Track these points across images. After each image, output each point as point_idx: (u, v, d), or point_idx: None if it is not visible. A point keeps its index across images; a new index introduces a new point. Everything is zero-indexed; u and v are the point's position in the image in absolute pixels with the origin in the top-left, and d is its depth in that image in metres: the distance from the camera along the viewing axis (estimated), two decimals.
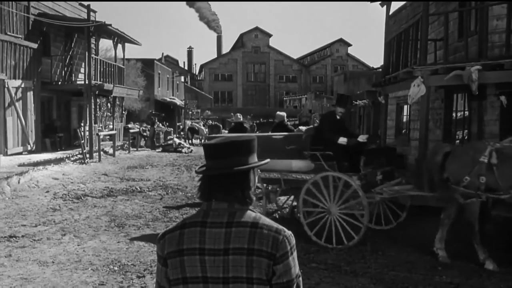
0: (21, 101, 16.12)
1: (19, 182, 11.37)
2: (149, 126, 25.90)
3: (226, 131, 35.27)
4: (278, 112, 12.14)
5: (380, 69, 18.57)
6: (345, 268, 6.09)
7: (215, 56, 65.77)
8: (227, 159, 1.74)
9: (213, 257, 1.68)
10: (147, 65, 36.46)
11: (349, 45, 60.80)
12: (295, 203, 8.85)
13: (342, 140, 7.29)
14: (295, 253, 1.73)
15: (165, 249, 1.75)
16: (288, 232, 1.73)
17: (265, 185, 8.09)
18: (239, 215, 1.71)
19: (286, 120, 11.72)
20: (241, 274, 1.67)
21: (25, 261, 6.23)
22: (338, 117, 7.67)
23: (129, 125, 25.92)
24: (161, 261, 1.77)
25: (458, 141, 11.52)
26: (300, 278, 1.75)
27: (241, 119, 12.26)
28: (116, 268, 6.01)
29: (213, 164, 1.77)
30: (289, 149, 7.58)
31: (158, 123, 26.89)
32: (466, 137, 10.90)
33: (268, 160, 1.93)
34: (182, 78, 51.82)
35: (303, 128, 17.75)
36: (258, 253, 1.66)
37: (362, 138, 7.53)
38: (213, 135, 13.14)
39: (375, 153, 8.41)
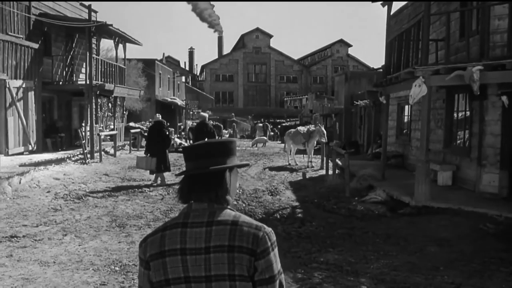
0: (22, 101, 16.12)
1: (20, 182, 11.37)
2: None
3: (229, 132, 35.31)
4: (201, 113, 14.38)
5: (381, 69, 18.56)
6: (347, 268, 6.08)
7: (216, 56, 65.80)
8: (204, 159, 1.78)
9: (194, 256, 1.69)
10: (148, 65, 36.45)
11: (350, 45, 60.84)
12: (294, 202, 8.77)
13: None
14: (276, 250, 1.74)
15: (147, 252, 1.75)
16: (268, 229, 1.74)
17: None
18: (219, 214, 1.73)
19: (207, 120, 13.51)
20: (223, 272, 1.67)
21: (26, 261, 6.23)
22: None
23: (131, 124, 25.77)
24: (143, 264, 1.77)
25: (459, 141, 11.52)
26: (283, 276, 1.75)
27: (160, 118, 13.28)
28: (117, 268, 6.00)
29: (191, 166, 1.80)
30: None
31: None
32: (467, 137, 10.90)
33: (248, 162, 1.97)
34: (183, 79, 51.84)
35: (301, 128, 17.85)
36: (239, 250, 1.67)
37: None
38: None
39: None
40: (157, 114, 14.28)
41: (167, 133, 13.15)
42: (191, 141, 29.97)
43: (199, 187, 1.77)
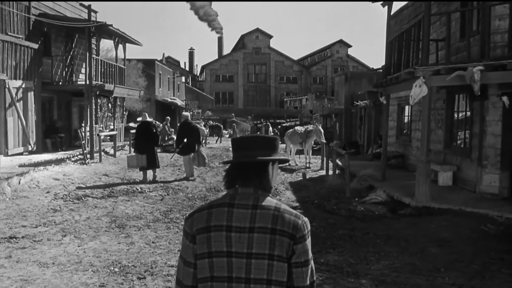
0: (21, 101, 16.09)
1: (19, 183, 11.34)
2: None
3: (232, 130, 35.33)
4: (183, 113, 15.75)
5: (381, 70, 18.53)
6: (347, 269, 6.05)
7: (216, 57, 65.82)
8: (251, 151, 1.97)
9: (238, 234, 1.85)
10: (148, 65, 36.44)
11: (349, 46, 60.87)
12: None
13: None
14: (310, 238, 1.92)
15: (193, 227, 1.91)
16: (305, 219, 1.93)
17: None
18: (263, 200, 1.91)
19: (189, 119, 14.35)
20: (264, 251, 1.83)
21: (25, 262, 6.20)
22: None
23: (131, 124, 25.80)
24: (188, 238, 1.93)
25: (460, 141, 11.50)
26: (313, 261, 1.93)
27: (147, 118, 14.19)
28: (116, 270, 5.97)
29: (239, 155, 1.98)
30: None
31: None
32: (468, 138, 10.88)
33: (287, 157, 2.06)
34: (183, 79, 51.82)
35: (299, 128, 17.84)
36: (281, 233, 1.84)
37: None
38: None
39: None
40: (145, 113, 14.74)
41: (154, 130, 13.73)
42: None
43: (245, 174, 1.95)
